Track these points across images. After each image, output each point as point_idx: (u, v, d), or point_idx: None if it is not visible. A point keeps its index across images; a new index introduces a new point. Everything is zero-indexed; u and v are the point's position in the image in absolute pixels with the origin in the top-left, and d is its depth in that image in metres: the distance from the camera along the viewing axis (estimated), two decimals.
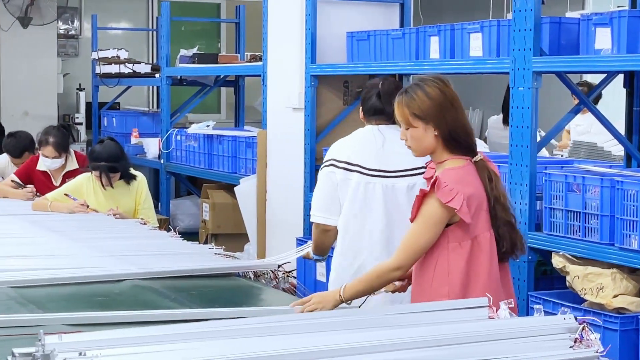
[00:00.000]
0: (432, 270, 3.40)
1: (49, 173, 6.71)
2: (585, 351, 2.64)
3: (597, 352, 2.64)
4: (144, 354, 2.37)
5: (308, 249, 4.41)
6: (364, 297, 3.51)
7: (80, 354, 2.32)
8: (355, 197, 4.04)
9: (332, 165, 4.08)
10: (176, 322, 3.07)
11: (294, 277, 4.59)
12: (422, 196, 3.36)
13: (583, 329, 2.71)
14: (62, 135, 6.65)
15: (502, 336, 2.68)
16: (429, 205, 3.34)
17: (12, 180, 6.69)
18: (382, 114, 4.10)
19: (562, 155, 7.78)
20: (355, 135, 4.20)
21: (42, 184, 6.66)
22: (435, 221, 3.34)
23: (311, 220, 4.21)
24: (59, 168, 6.68)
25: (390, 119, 4.03)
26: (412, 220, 3.40)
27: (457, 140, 3.43)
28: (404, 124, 3.45)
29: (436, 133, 3.41)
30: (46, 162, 6.63)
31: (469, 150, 3.46)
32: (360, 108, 4.23)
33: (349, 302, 3.40)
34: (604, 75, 5.17)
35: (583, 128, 8.97)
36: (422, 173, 3.91)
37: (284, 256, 4.57)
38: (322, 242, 4.20)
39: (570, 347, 2.67)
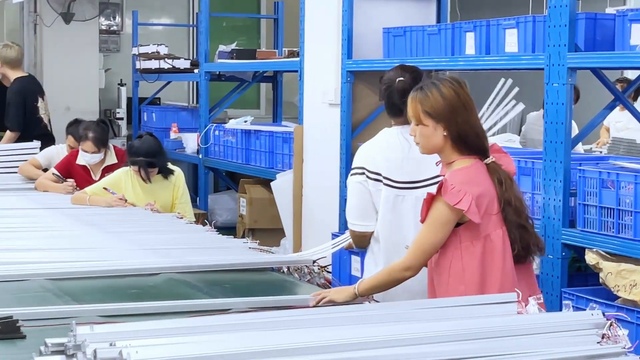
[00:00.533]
0: (447, 269, 3.42)
1: (89, 167, 6.79)
2: (613, 347, 2.64)
3: (624, 347, 2.64)
4: (173, 345, 2.41)
5: (346, 241, 4.41)
6: None
7: (110, 344, 2.36)
8: (385, 210, 4.01)
9: (364, 174, 4.05)
10: (205, 314, 3.13)
11: (329, 272, 4.62)
12: (430, 199, 3.38)
13: (611, 324, 2.72)
14: (101, 130, 6.72)
15: (530, 331, 2.69)
16: (436, 208, 3.36)
17: (53, 174, 6.79)
18: (401, 114, 4.01)
19: (600, 152, 7.73)
20: (382, 140, 4.10)
21: (81, 178, 6.75)
22: (443, 222, 3.36)
23: (349, 227, 4.18)
24: (98, 163, 6.75)
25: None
26: (422, 222, 3.43)
27: (467, 142, 3.44)
28: (414, 120, 3.47)
29: (445, 133, 3.42)
30: (85, 157, 6.70)
31: (479, 152, 3.46)
32: (384, 103, 4.15)
33: (368, 299, 3.45)
34: None
35: (622, 124, 8.92)
36: None
37: (320, 250, 4.60)
38: (360, 243, 4.19)
39: (598, 342, 2.67)
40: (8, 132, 8.52)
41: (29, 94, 8.66)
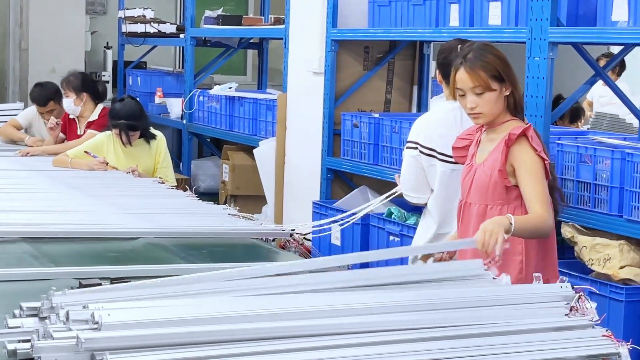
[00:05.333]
0: None
1: (76, 121, 6.89)
2: (580, 319, 2.68)
3: (591, 320, 2.68)
4: (145, 309, 2.43)
5: (398, 190, 4.45)
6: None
7: (83, 307, 2.38)
8: (441, 185, 4.07)
9: (417, 149, 4.11)
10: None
11: (308, 240, 4.65)
12: (510, 144, 3.42)
13: (579, 297, 2.75)
14: (76, 76, 6.91)
15: (498, 302, 2.71)
16: (526, 157, 3.42)
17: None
18: None
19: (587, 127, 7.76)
20: (438, 115, 4.16)
21: (70, 130, 6.96)
22: (541, 172, 3.42)
23: (405, 198, 4.29)
24: (83, 117, 6.86)
25: None
26: (502, 169, 3.43)
27: (520, 101, 3.56)
28: (479, 89, 3.47)
29: (507, 93, 3.49)
30: (64, 103, 6.88)
31: (522, 113, 3.59)
32: (438, 71, 4.18)
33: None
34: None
35: (606, 99, 8.95)
36: None
37: (303, 224, 4.66)
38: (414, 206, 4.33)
39: (566, 315, 2.71)
40: None
41: None
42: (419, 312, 2.58)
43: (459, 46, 4.04)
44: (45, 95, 7.42)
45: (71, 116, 6.99)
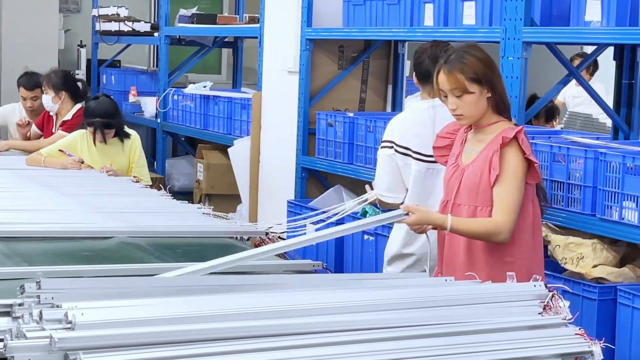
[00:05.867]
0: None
1: (53, 117, 7.00)
2: (553, 318, 2.70)
3: (565, 319, 2.70)
4: (119, 307, 2.42)
5: (370, 197, 4.42)
6: None
7: (57, 306, 2.38)
8: (416, 184, 4.08)
9: (392, 148, 4.12)
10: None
11: (283, 240, 4.63)
12: (499, 150, 3.42)
13: (553, 296, 2.77)
14: (57, 74, 7.00)
15: (472, 301, 2.73)
16: (511, 160, 3.42)
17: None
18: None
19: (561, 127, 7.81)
20: (412, 115, 4.18)
21: (47, 127, 7.03)
22: (520, 177, 3.42)
23: (380, 198, 4.26)
24: (61, 114, 6.90)
25: None
26: (494, 178, 3.42)
27: (504, 101, 3.55)
28: (457, 92, 3.48)
29: (489, 95, 3.49)
30: (43, 99, 6.93)
31: (508, 113, 3.58)
32: (414, 73, 4.21)
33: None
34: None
35: (581, 99, 8.99)
36: None
37: (277, 222, 4.64)
38: (387, 207, 4.29)
39: (539, 313, 2.73)
40: None
41: None
42: (390, 311, 2.60)
43: (430, 47, 4.08)
44: (34, 81, 7.45)
45: (51, 113, 7.04)
